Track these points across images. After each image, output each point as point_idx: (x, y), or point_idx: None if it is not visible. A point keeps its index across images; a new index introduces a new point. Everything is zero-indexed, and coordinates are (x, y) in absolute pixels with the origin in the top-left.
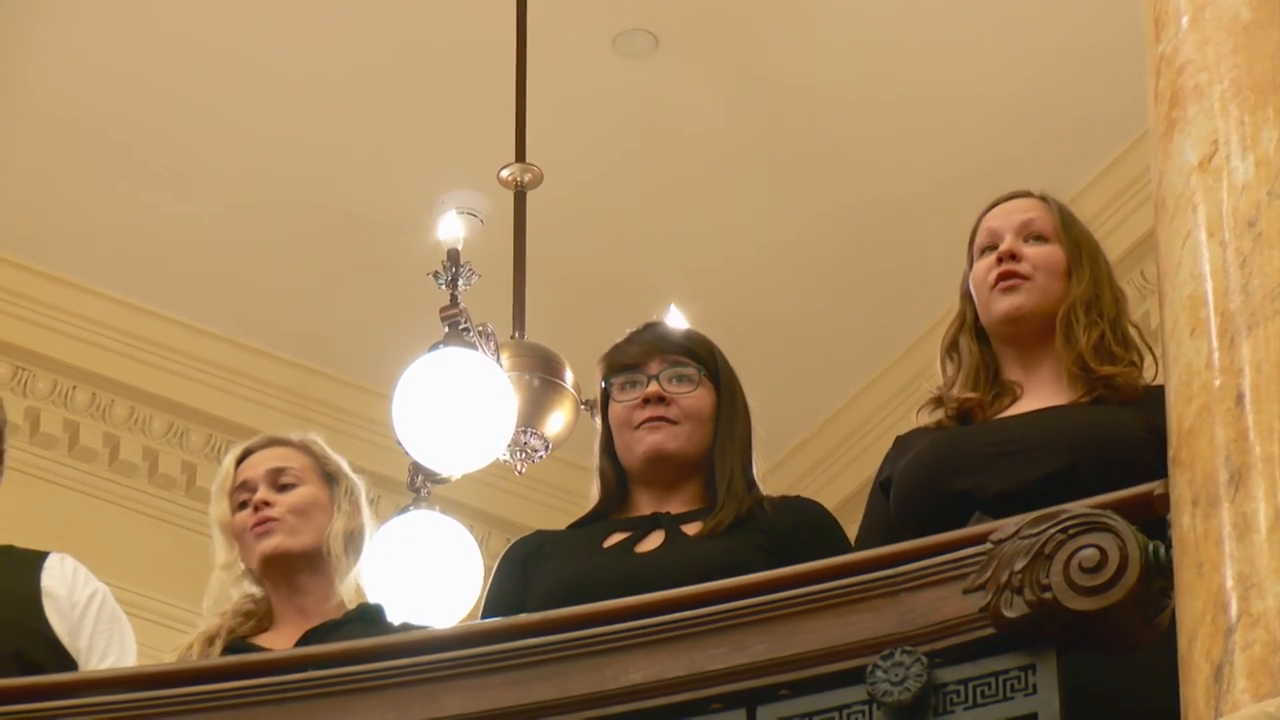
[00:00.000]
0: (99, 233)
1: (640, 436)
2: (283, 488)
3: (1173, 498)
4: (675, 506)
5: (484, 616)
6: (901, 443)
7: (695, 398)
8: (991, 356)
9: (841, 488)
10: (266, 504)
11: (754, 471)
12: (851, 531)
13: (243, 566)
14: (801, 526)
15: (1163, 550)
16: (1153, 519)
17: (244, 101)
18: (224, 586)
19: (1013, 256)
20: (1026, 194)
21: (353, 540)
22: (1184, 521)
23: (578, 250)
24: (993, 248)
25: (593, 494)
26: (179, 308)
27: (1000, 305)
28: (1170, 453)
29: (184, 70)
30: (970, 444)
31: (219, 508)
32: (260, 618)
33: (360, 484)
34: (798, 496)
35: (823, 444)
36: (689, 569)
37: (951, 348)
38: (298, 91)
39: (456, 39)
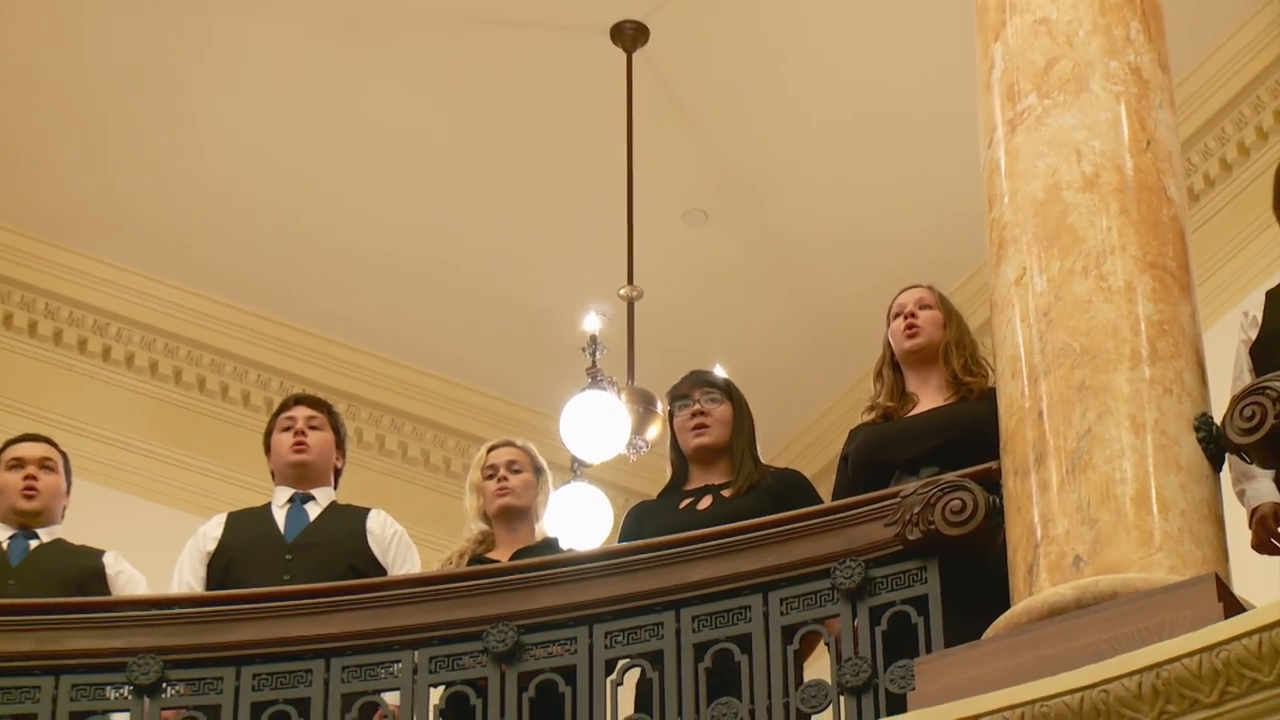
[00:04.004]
0: (382, 320)
1: (691, 436)
2: (514, 471)
3: (1003, 471)
4: (715, 478)
5: None
6: (853, 433)
7: (721, 410)
8: (900, 378)
9: (813, 467)
10: (505, 479)
11: (759, 454)
12: (824, 489)
13: (481, 510)
14: (790, 487)
15: (998, 500)
16: (992, 482)
17: (458, 239)
18: (473, 519)
19: (913, 315)
20: (919, 285)
21: (545, 504)
22: (1009, 484)
23: (664, 335)
24: (900, 314)
25: (667, 472)
26: (440, 368)
27: (907, 345)
28: (1001, 445)
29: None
30: (890, 434)
31: (475, 475)
32: (488, 544)
33: (550, 474)
34: (789, 468)
35: (803, 441)
36: (727, 518)
37: (879, 373)
38: (503, 235)
39: (593, 211)
